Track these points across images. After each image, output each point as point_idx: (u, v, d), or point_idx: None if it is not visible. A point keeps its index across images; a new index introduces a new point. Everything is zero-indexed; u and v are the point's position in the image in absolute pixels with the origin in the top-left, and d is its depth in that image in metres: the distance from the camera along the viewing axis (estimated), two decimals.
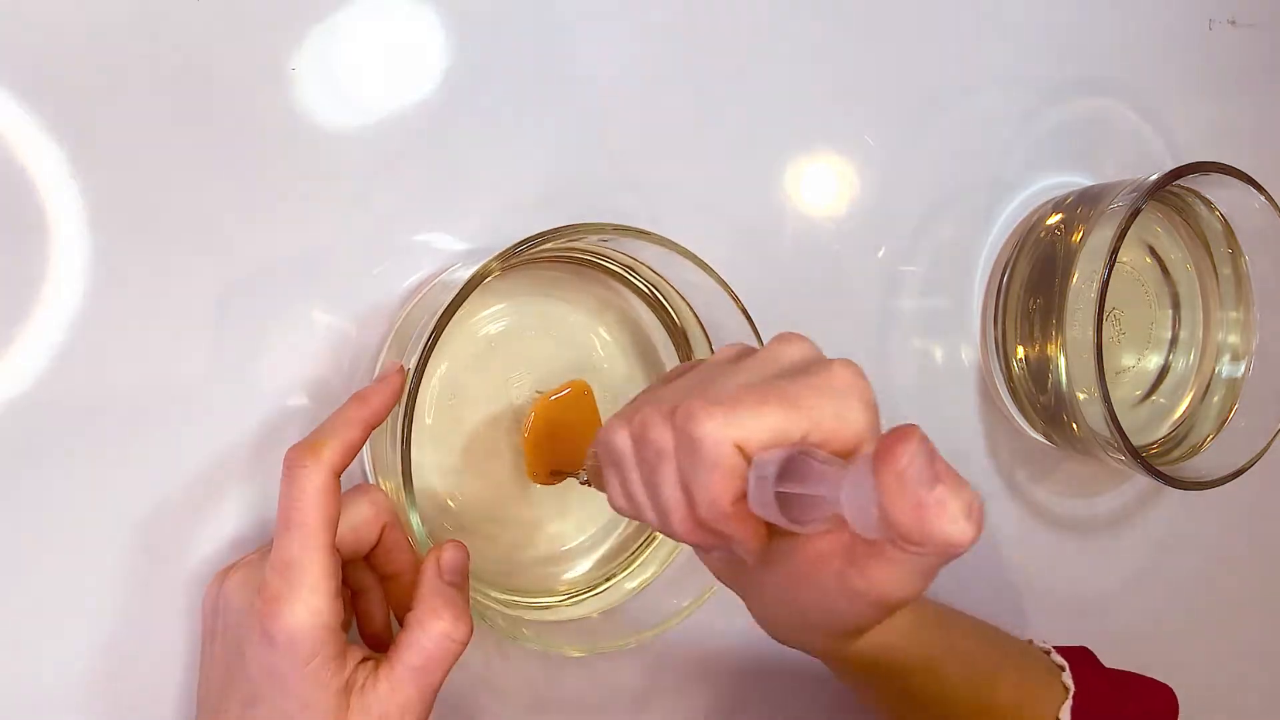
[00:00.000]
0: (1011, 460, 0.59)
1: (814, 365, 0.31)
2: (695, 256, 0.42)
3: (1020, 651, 0.45)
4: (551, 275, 0.46)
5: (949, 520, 0.26)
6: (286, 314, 0.43)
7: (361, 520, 0.39)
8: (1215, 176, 0.52)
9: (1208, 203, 0.57)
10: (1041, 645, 0.47)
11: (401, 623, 0.39)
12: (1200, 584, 0.65)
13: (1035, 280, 0.54)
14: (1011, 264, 0.56)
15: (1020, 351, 0.55)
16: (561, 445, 0.44)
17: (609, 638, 0.43)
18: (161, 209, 0.41)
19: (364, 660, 0.36)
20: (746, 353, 0.34)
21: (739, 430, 0.29)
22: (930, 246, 0.56)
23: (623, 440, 0.33)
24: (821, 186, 0.54)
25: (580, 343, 0.47)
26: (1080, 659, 0.46)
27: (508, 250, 0.38)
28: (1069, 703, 0.43)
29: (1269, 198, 0.53)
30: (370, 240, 0.45)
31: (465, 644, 0.37)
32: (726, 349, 0.35)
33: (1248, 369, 0.57)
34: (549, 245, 0.40)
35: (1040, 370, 0.53)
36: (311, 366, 0.44)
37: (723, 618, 0.50)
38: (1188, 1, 0.62)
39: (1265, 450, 0.54)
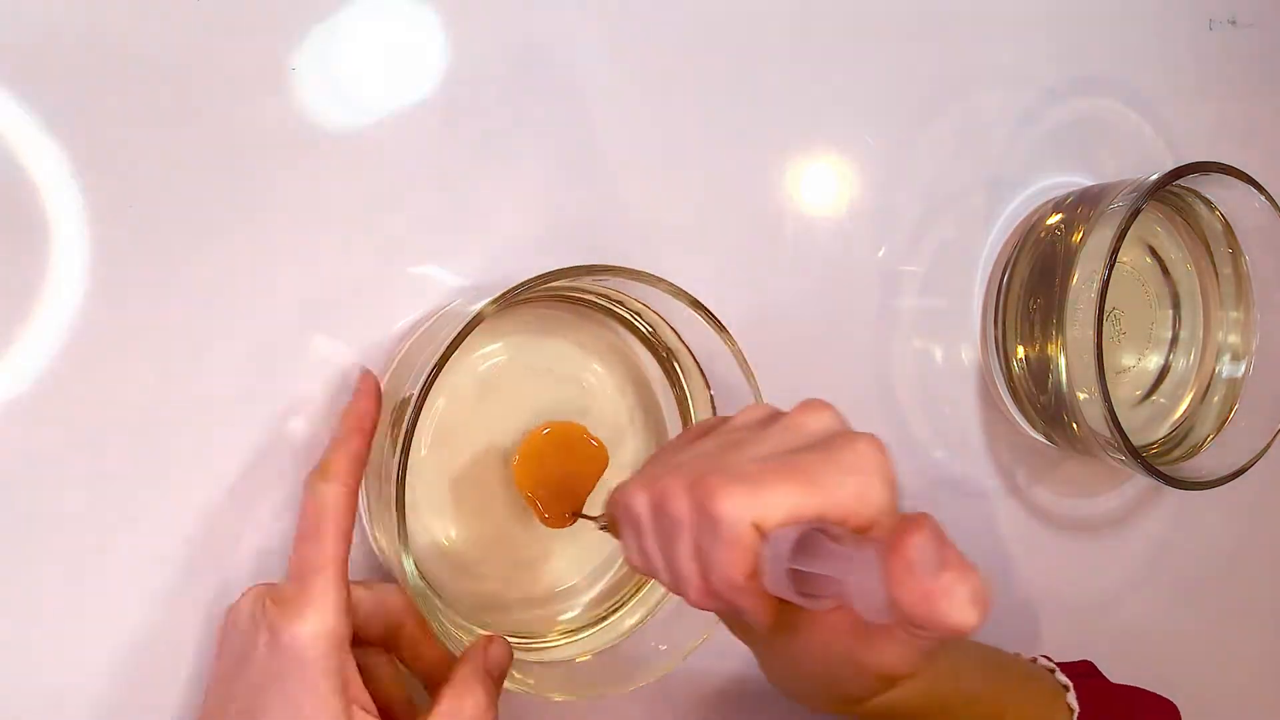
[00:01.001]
0: (1011, 460, 0.59)
1: (837, 439, 0.31)
2: (697, 301, 0.42)
3: (1025, 675, 0.45)
4: (548, 313, 0.46)
5: (956, 608, 0.26)
6: (285, 326, 0.43)
7: (377, 603, 0.40)
8: (1215, 176, 0.52)
9: (1208, 203, 0.57)
10: (1046, 664, 0.47)
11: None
12: (1200, 584, 0.65)
13: (1035, 280, 0.54)
14: (1012, 264, 0.56)
15: (1020, 351, 0.55)
16: (555, 481, 0.44)
17: (600, 683, 0.43)
18: (161, 209, 0.41)
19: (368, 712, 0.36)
20: (771, 419, 0.34)
21: (758, 509, 0.30)
22: (930, 246, 0.56)
23: (641, 504, 0.33)
24: (821, 186, 0.54)
25: (576, 381, 0.46)
26: (1084, 676, 0.46)
27: (506, 293, 0.38)
28: None
29: (1269, 197, 0.53)
30: (372, 262, 0.45)
31: None
32: (751, 410, 0.35)
33: (1248, 369, 0.57)
34: (547, 286, 0.40)
35: (1040, 370, 0.53)
36: (306, 387, 0.44)
37: (719, 660, 0.50)
38: (1188, 1, 0.62)
39: (1265, 450, 0.54)
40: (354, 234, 0.44)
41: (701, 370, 0.47)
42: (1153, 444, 0.58)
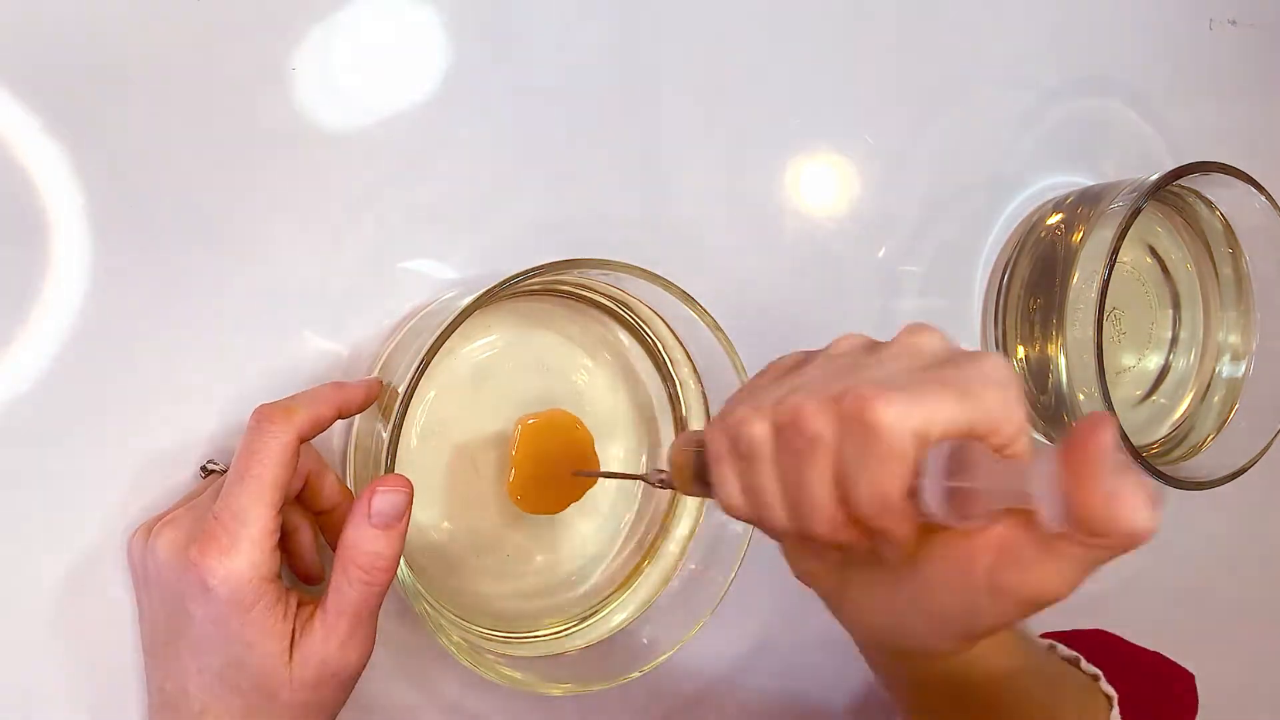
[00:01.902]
0: None
1: (969, 356, 0.30)
2: (682, 291, 0.42)
3: (1058, 661, 0.45)
4: (538, 307, 0.46)
5: (1137, 509, 0.25)
6: (281, 326, 0.43)
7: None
8: (1216, 176, 0.52)
9: (1208, 202, 0.57)
10: (1068, 654, 0.46)
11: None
12: (1200, 584, 0.65)
13: (1035, 280, 0.54)
14: (1012, 264, 0.56)
15: (1021, 351, 0.55)
16: (549, 469, 0.44)
17: (591, 677, 0.43)
18: (162, 209, 0.41)
19: (302, 605, 0.37)
20: (875, 345, 0.32)
21: (920, 418, 0.28)
22: (930, 246, 0.56)
23: (760, 431, 0.31)
24: (821, 186, 0.54)
25: (566, 374, 0.47)
26: (1106, 656, 0.45)
27: (493, 287, 0.38)
28: (1115, 710, 0.42)
29: (1269, 197, 0.53)
30: (366, 260, 0.45)
31: (386, 582, 0.36)
32: (847, 339, 0.33)
33: (1248, 369, 0.57)
34: (539, 279, 0.40)
35: (1041, 370, 0.53)
36: (303, 384, 0.44)
37: (710, 654, 0.50)
38: (1188, 1, 0.62)
39: (1265, 450, 0.54)
40: (353, 232, 0.44)
41: (693, 362, 0.47)
42: (1153, 444, 0.58)
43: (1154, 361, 0.59)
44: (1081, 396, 0.51)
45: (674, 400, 0.48)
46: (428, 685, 0.46)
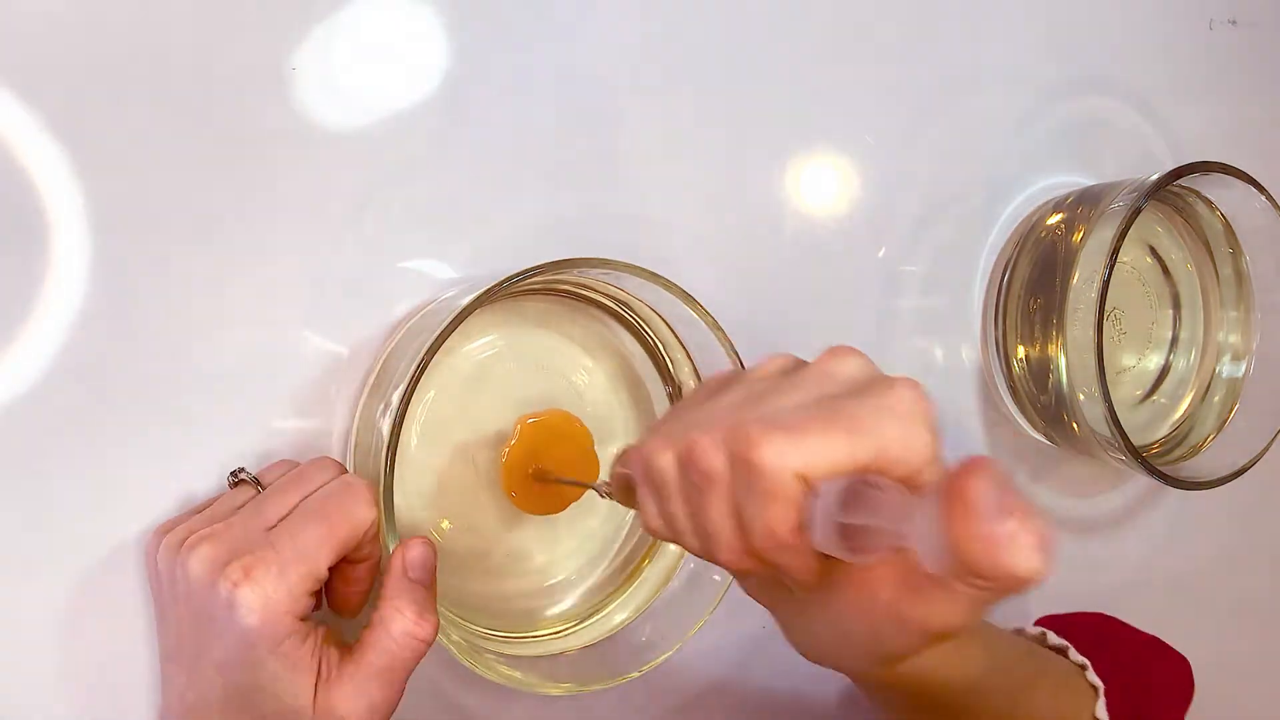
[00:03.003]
0: (1012, 460, 0.59)
1: (875, 384, 0.29)
2: (682, 291, 0.42)
3: (1043, 655, 0.45)
4: (539, 306, 0.46)
5: (1021, 555, 0.25)
6: (282, 326, 0.43)
7: None
8: (1216, 176, 0.52)
9: (1208, 202, 0.57)
10: (1057, 643, 0.46)
11: (342, 609, 0.40)
12: (1200, 584, 0.65)
13: (1036, 280, 0.54)
14: (1012, 264, 0.56)
15: (1021, 351, 0.55)
16: (541, 463, 0.44)
17: (591, 676, 0.43)
18: (162, 209, 0.41)
19: (328, 643, 0.36)
20: (795, 367, 0.32)
21: (802, 458, 0.28)
22: (930, 246, 0.56)
23: (666, 462, 0.31)
24: (821, 186, 0.54)
25: (566, 374, 0.47)
26: (1097, 645, 0.45)
27: (493, 287, 0.38)
28: (1101, 701, 0.42)
29: (1270, 197, 0.53)
30: (366, 259, 0.45)
31: (430, 641, 0.37)
32: (771, 361, 0.33)
33: (1248, 369, 0.57)
34: (539, 279, 0.40)
35: (1041, 370, 0.53)
36: (303, 384, 0.44)
37: (710, 654, 0.50)
38: (1188, 1, 0.62)
39: (1265, 450, 0.54)
40: (353, 232, 0.44)
41: (693, 362, 0.47)
42: (1153, 444, 0.58)
43: (1154, 361, 0.59)
44: (1081, 396, 0.51)
45: (674, 400, 0.48)
46: (427, 685, 0.46)
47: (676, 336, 0.46)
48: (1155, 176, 0.50)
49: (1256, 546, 0.67)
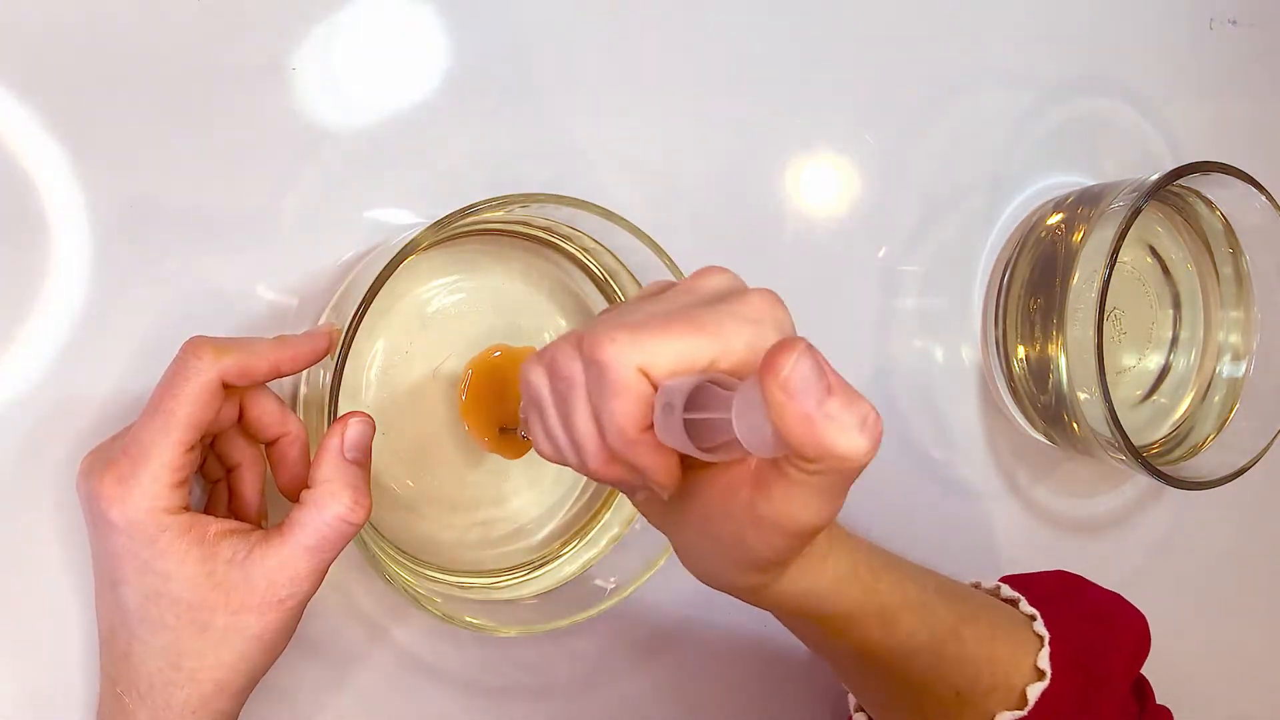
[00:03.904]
0: (1012, 460, 0.59)
1: (732, 294, 0.30)
2: (628, 222, 0.42)
3: (986, 604, 0.43)
4: (497, 251, 0.46)
5: (841, 432, 0.25)
6: (282, 324, 0.43)
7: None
8: (1216, 176, 0.52)
9: (1208, 202, 0.57)
10: (1010, 595, 0.45)
11: (287, 494, 0.39)
12: (1200, 584, 0.65)
13: (1036, 280, 0.54)
14: (1012, 264, 0.56)
15: (1021, 351, 0.55)
16: (501, 404, 0.44)
17: (549, 617, 0.43)
18: (162, 209, 0.41)
19: (233, 532, 0.35)
20: (667, 285, 0.33)
21: (642, 354, 0.28)
22: (930, 246, 0.56)
23: (538, 376, 0.32)
24: (821, 186, 0.54)
25: (525, 319, 0.46)
26: (1051, 599, 0.44)
27: (444, 218, 0.38)
28: (1046, 650, 0.41)
29: (1269, 197, 0.53)
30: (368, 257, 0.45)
31: (362, 525, 0.36)
32: (651, 285, 0.34)
33: (1248, 369, 0.57)
34: (488, 216, 0.39)
35: (1041, 370, 0.53)
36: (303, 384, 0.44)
37: (672, 593, 0.50)
38: (1188, 1, 0.62)
39: (1266, 450, 0.54)
40: (354, 231, 0.44)
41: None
42: (1153, 444, 0.58)
43: (1154, 361, 0.59)
44: (1082, 396, 0.51)
45: None
46: (382, 633, 0.46)
47: (634, 278, 0.46)
48: (1155, 176, 0.50)
49: (1256, 546, 0.67)
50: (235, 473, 0.40)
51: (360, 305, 0.37)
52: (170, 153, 0.41)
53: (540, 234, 0.46)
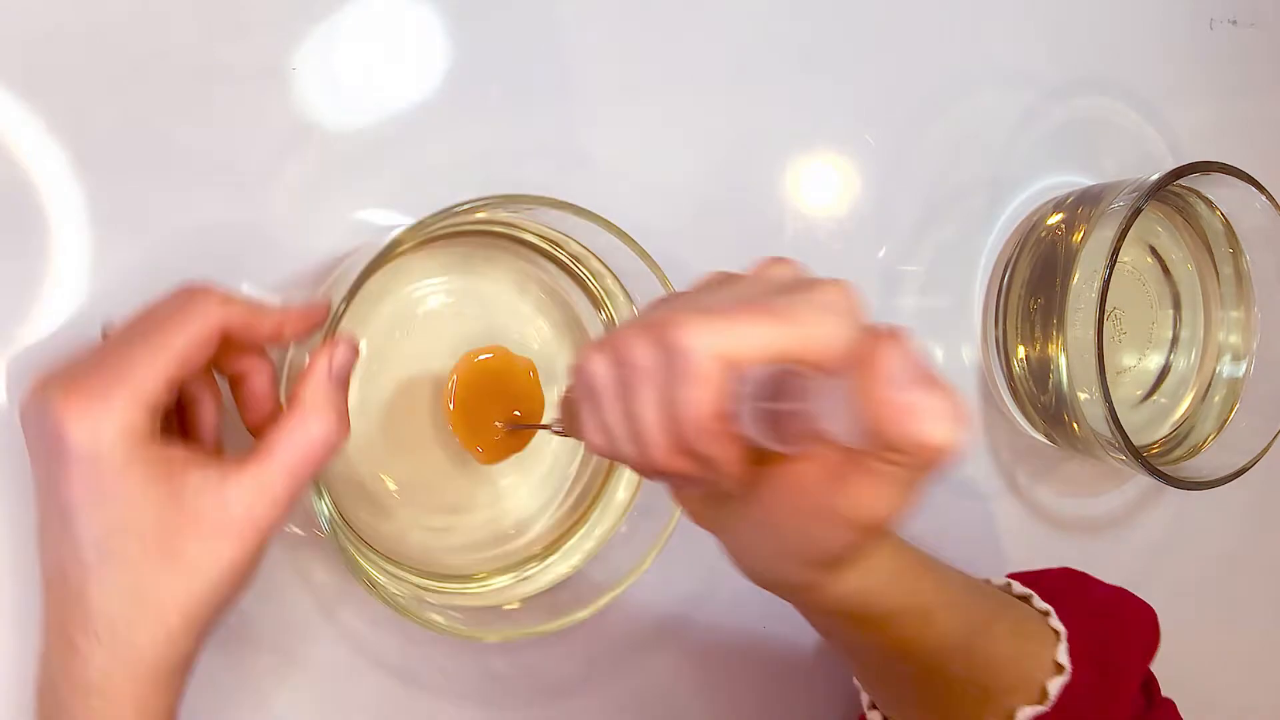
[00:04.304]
0: (1012, 460, 0.59)
1: (804, 283, 0.30)
2: (616, 227, 0.41)
3: (1007, 601, 0.44)
4: (484, 254, 0.45)
5: (933, 423, 0.25)
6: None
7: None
8: (1216, 176, 0.52)
9: (1209, 202, 0.57)
10: (1022, 591, 0.46)
11: (255, 431, 0.37)
12: (1200, 584, 0.65)
13: (1036, 280, 0.54)
14: (1012, 264, 0.56)
15: (1021, 351, 0.55)
16: (489, 408, 0.43)
17: (532, 622, 0.43)
18: (161, 209, 0.41)
19: (200, 460, 0.34)
20: (731, 277, 0.32)
21: (726, 342, 0.28)
22: (930, 246, 0.56)
23: (600, 365, 0.31)
24: (821, 186, 0.54)
25: (509, 321, 0.46)
26: (1060, 595, 0.45)
27: (425, 219, 0.38)
28: (1063, 645, 0.41)
29: (1270, 197, 0.53)
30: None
31: (339, 447, 0.35)
32: (711, 275, 0.33)
33: (1249, 369, 0.57)
34: (478, 218, 0.39)
35: (1041, 370, 0.53)
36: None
37: (661, 593, 0.50)
38: (1188, 1, 0.62)
39: (1266, 450, 0.54)
40: (352, 231, 0.44)
41: (634, 306, 0.46)
42: (1153, 444, 0.58)
43: (1154, 361, 0.59)
44: (1083, 396, 0.51)
45: None
46: (362, 641, 0.46)
47: (620, 284, 0.46)
48: (1155, 176, 0.50)
49: (1257, 546, 0.67)
50: (193, 408, 0.38)
51: (343, 302, 0.37)
52: (170, 153, 0.41)
53: (532, 238, 0.46)
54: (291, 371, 0.41)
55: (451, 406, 0.43)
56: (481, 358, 0.44)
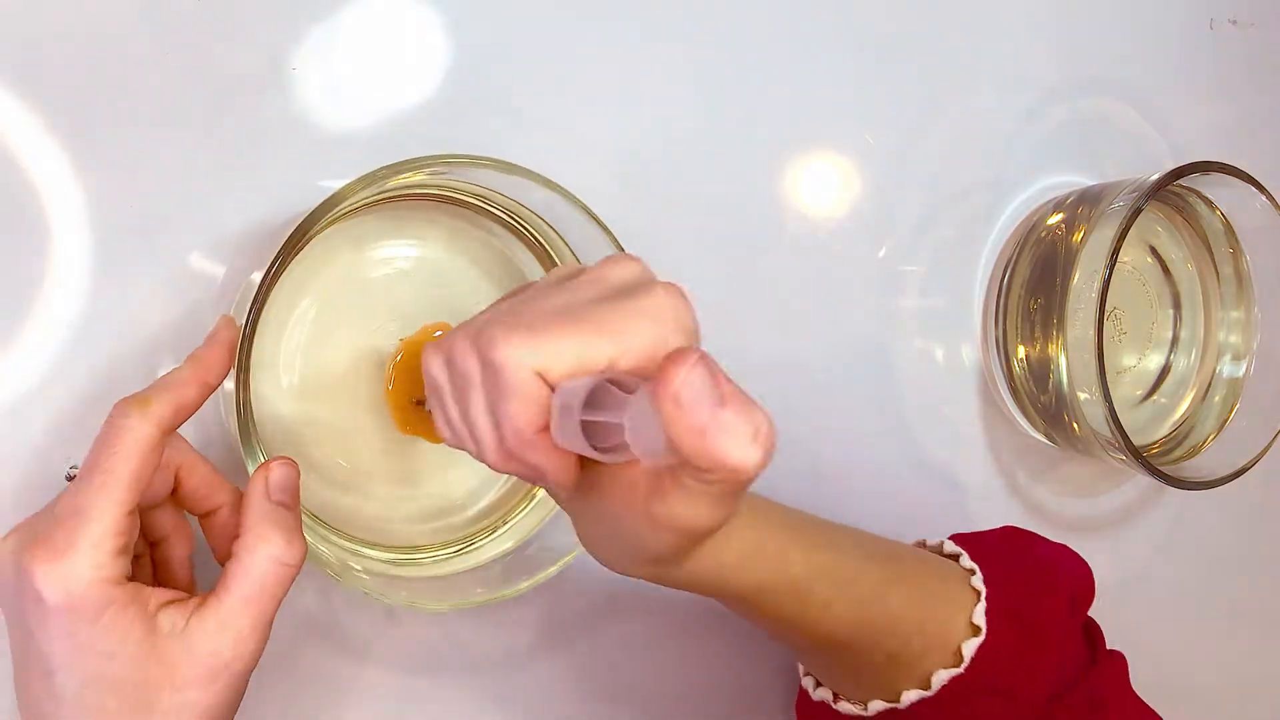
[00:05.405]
0: (1012, 460, 0.59)
1: (637, 288, 0.30)
2: (566, 191, 0.41)
3: (919, 563, 0.42)
4: (426, 217, 0.45)
5: (734, 444, 0.25)
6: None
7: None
8: (1216, 176, 0.52)
9: (1209, 202, 0.57)
10: (953, 550, 0.44)
11: (225, 562, 0.37)
12: (1200, 584, 0.65)
13: (1036, 280, 0.54)
14: (1012, 264, 0.56)
15: (1021, 351, 0.55)
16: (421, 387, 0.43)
17: (476, 591, 0.43)
18: (161, 209, 0.41)
19: (170, 602, 0.34)
20: (575, 274, 0.32)
21: (539, 357, 0.28)
22: (930, 246, 0.56)
23: (437, 367, 0.32)
24: (821, 186, 0.54)
25: (458, 288, 0.45)
26: (993, 554, 0.44)
27: (368, 175, 0.37)
28: (981, 604, 0.40)
29: (1270, 197, 0.53)
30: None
31: (299, 567, 0.35)
32: (557, 270, 0.33)
33: (1249, 369, 0.57)
34: (432, 182, 0.38)
35: (1041, 370, 0.53)
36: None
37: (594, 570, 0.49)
38: (1188, 1, 0.62)
39: (1266, 450, 0.54)
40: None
41: None
42: (1153, 444, 0.58)
43: (1154, 361, 0.59)
44: (1083, 396, 0.51)
45: None
46: (309, 612, 0.45)
47: (569, 246, 0.45)
48: (1155, 176, 0.50)
49: (1257, 547, 0.67)
50: (161, 545, 0.38)
51: (278, 256, 0.36)
52: (170, 153, 0.41)
53: (502, 214, 0.45)
54: (225, 402, 0.40)
55: (389, 384, 0.43)
56: (435, 335, 0.43)
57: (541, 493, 0.47)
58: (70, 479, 0.38)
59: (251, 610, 0.34)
